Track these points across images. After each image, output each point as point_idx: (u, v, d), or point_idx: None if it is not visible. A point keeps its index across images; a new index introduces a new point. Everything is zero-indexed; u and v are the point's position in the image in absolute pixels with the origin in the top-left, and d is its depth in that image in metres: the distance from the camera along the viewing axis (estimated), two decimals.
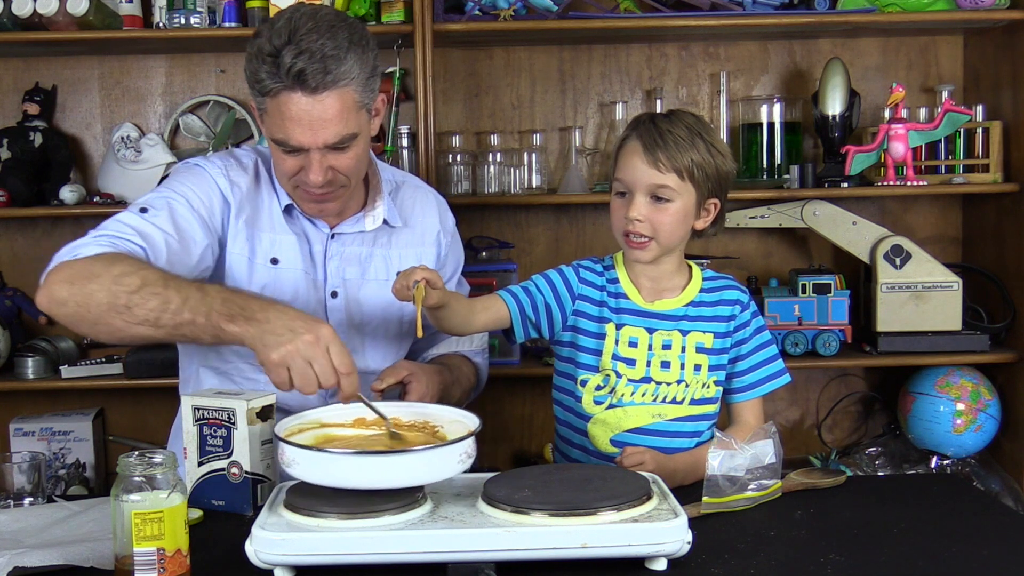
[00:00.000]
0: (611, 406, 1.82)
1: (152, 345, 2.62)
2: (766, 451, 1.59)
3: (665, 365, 1.81)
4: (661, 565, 1.31)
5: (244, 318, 1.51)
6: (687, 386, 1.81)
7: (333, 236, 1.88)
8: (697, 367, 1.81)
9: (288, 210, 1.86)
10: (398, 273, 1.64)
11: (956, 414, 2.80)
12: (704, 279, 1.86)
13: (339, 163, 1.74)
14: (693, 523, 1.35)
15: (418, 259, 1.93)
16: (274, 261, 1.83)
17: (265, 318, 1.51)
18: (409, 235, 1.96)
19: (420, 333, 1.58)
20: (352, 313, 1.88)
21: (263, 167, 1.88)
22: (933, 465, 2.88)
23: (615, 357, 1.81)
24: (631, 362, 1.81)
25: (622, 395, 1.81)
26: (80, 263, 1.58)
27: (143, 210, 1.71)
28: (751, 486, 1.57)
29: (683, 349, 1.81)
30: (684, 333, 1.82)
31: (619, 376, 1.81)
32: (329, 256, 1.87)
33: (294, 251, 1.84)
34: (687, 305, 1.83)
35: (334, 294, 1.86)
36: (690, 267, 1.88)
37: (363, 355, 1.89)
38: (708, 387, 1.83)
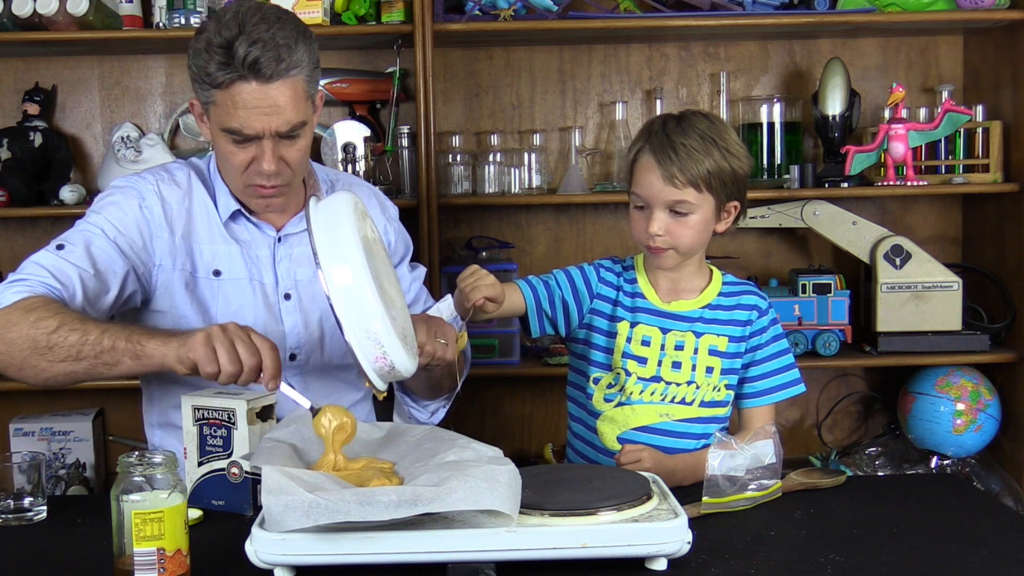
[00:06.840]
0: (620, 404, 1.82)
1: None
2: (766, 451, 1.59)
3: (676, 366, 1.81)
4: (661, 565, 1.31)
5: (164, 336, 1.56)
6: (697, 388, 1.81)
7: (280, 239, 1.87)
8: (709, 369, 1.81)
9: (233, 218, 1.84)
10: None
11: (956, 414, 2.80)
12: (724, 283, 1.86)
13: (288, 154, 1.75)
14: (693, 523, 1.35)
15: None
16: (216, 273, 1.82)
17: (183, 335, 1.55)
18: None
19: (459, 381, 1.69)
20: (307, 312, 1.87)
21: (196, 179, 1.87)
22: (933, 465, 2.88)
23: (626, 355, 1.81)
24: (642, 360, 1.81)
25: (631, 393, 1.81)
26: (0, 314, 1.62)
27: (59, 247, 1.73)
28: (751, 486, 1.56)
29: (695, 351, 1.81)
30: (698, 335, 1.81)
31: (629, 374, 1.81)
32: (278, 259, 1.86)
33: (236, 261, 1.84)
34: (704, 307, 1.83)
35: (287, 296, 1.85)
36: (711, 270, 1.87)
37: (322, 352, 1.88)
38: (719, 390, 1.82)
